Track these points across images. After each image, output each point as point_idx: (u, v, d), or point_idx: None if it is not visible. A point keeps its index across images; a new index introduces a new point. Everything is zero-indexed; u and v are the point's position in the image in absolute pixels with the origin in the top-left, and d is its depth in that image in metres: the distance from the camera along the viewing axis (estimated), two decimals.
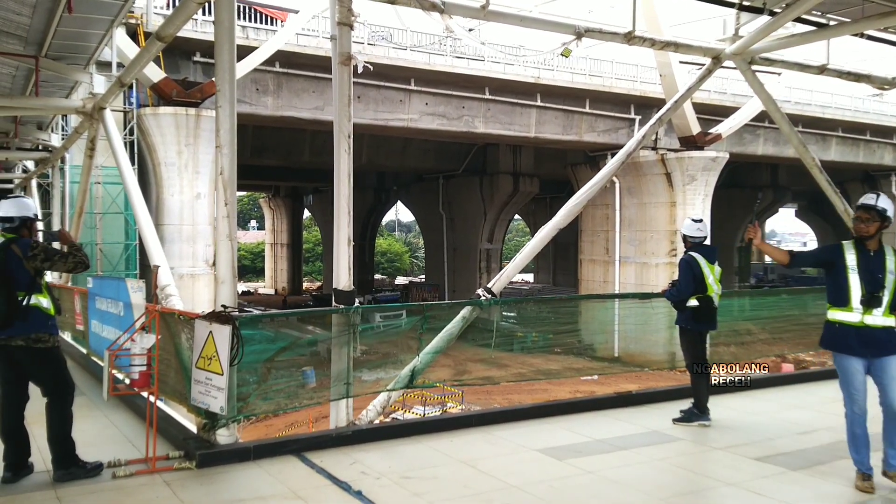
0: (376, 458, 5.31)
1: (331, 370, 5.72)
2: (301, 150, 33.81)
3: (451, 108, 26.80)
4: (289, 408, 6.06)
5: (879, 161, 37.70)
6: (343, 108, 5.76)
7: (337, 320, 5.70)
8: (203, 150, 20.68)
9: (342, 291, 5.72)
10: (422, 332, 6.04)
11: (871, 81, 8.46)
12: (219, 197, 5.20)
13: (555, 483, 4.82)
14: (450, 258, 40.95)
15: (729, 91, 31.52)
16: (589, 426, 6.31)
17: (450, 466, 5.19)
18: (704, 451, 5.66)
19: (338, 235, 5.79)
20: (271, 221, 59.78)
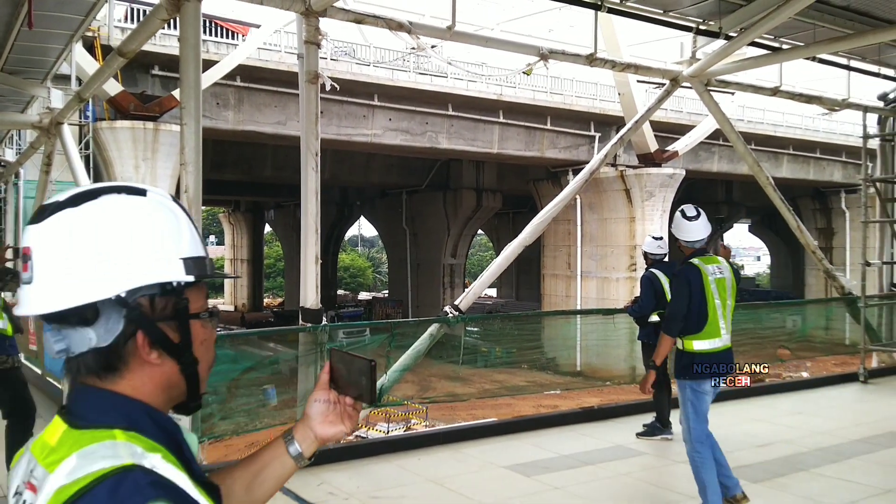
0: (344, 478, 5.28)
1: (297, 389, 5.69)
2: (262, 164, 33.52)
3: (414, 124, 26.87)
4: (256, 428, 5.99)
5: (829, 178, 38.85)
6: (310, 125, 5.77)
7: (304, 339, 5.67)
8: (161, 165, 20.38)
9: (309, 310, 5.71)
10: (390, 350, 6.04)
11: (822, 103, 8.77)
12: None
13: (523, 500, 4.87)
14: (413, 273, 40.92)
15: (685, 110, 32.21)
16: (555, 442, 6.37)
17: (418, 485, 5.20)
18: (667, 465, 5.76)
19: (305, 253, 5.78)
20: (231, 237, 58.97)
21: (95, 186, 1.02)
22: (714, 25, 7.17)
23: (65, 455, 0.91)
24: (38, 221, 0.98)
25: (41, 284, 0.97)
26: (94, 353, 0.98)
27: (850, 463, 5.73)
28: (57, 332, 0.99)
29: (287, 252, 54.62)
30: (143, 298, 0.99)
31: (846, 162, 38.62)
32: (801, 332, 9.94)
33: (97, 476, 0.85)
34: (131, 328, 0.99)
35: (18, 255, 5.37)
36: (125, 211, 1.00)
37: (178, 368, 1.05)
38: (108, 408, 0.97)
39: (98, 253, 0.97)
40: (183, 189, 5.16)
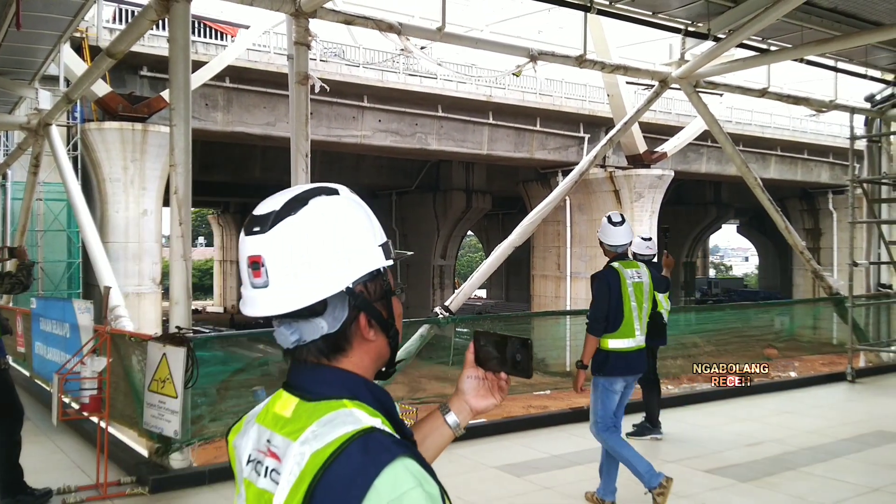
0: None
1: None
2: (251, 165, 33.39)
3: (404, 125, 26.86)
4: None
5: (817, 179, 39.11)
6: (301, 127, 5.76)
7: None
8: (150, 166, 20.27)
9: None
10: None
11: (810, 104, 8.83)
12: (173, 216, 5.14)
13: (514, 500, 4.87)
14: (403, 274, 40.85)
15: (674, 111, 32.33)
16: (545, 442, 6.39)
17: None
18: (657, 465, 5.76)
19: None
20: (220, 238, 58.78)
21: (301, 191, 1.17)
22: (703, 27, 7.21)
23: (305, 424, 1.05)
24: (263, 231, 1.12)
25: (278, 288, 1.10)
26: (324, 339, 1.13)
27: (839, 462, 5.78)
28: (290, 326, 1.13)
29: None
30: (361, 286, 1.14)
31: (833, 163, 38.88)
32: (788, 331, 10.00)
33: (346, 438, 1.00)
34: (355, 313, 1.14)
35: (13, 255, 5.36)
36: (334, 212, 1.14)
37: (387, 341, 1.20)
38: (335, 382, 1.11)
39: (324, 253, 1.11)
40: (172, 190, 5.13)
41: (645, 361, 5.00)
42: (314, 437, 1.02)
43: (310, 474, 0.99)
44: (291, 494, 1.01)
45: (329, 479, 0.97)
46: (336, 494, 0.96)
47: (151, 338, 5.24)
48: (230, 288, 57.48)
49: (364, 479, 0.95)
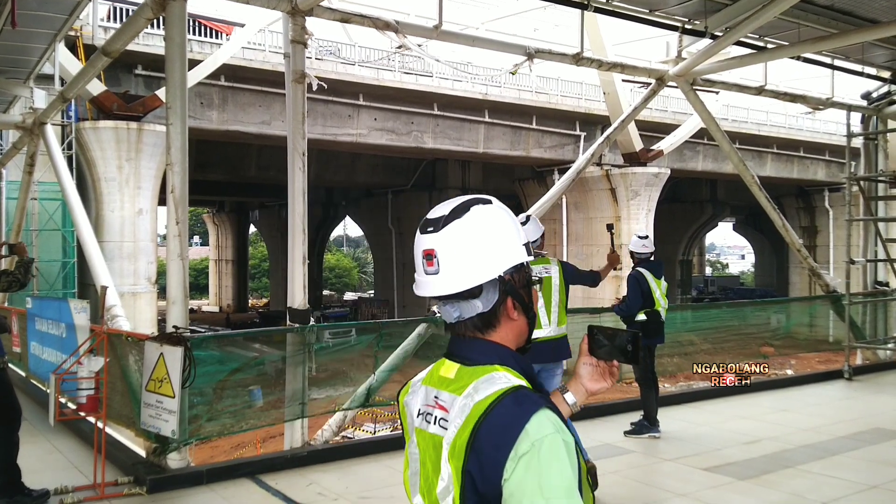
0: (333, 479, 5.26)
1: (285, 390, 5.66)
2: (247, 164, 33.30)
3: (400, 124, 26.79)
4: (242, 429, 5.96)
5: (813, 176, 39.15)
6: (297, 125, 5.74)
7: (292, 339, 5.64)
8: (145, 165, 20.23)
9: (297, 310, 5.67)
10: (377, 350, 6.01)
11: (807, 102, 8.84)
12: (170, 215, 5.12)
13: None
14: (399, 273, 40.83)
15: (670, 109, 32.31)
16: None
17: None
18: (655, 463, 5.78)
19: (292, 254, 5.75)
20: (215, 237, 58.60)
21: (464, 200, 1.50)
22: (700, 25, 7.21)
23: (467, 383, 1.36)
24: (436, 231, 1.45)
25: (447, 275, 1.43)
26: (478, 316, 1.44)
27: (837, 459, 5.78)
28: (453, 305, 1.45)
29: (272, 252, 54.36)
30: (509, 275, 1.44)
31: (829, 161, 38.92)
32: (785, 329, 10.01)
33: (501, 392, 1.30)
34: (504, 296, 1.44)
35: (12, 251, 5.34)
36: (490, 217, 1.46)
37: (527, 321, 1.49)
38: (489, 352, 1.41)
39: (484, 248, 1.42)
40: (169, 189, 5.11)
41: (561, 351, 5.26)
42: (475, 391, 1.33)
43: (473, 419, 1.30)
44: (459, 434, 1.31)
45: (489, 422, 1.27)
46: (496, 433, 1.26)
47: (149, 337, 5.22)
48: (225, 287, 57.31)
49: (518, 422, 1.24)
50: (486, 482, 1.25)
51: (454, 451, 1.31)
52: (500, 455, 1.24)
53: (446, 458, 1.33)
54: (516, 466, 1.22)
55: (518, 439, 1.23)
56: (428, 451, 1.40)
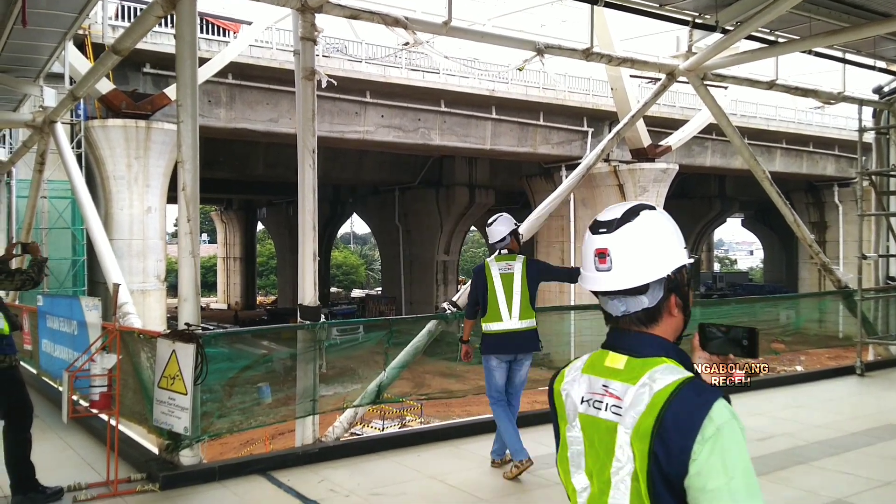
0: (344, 476, 5.26)
1: (296, 387, 5.66)
2: (254, 162, 33.37)
3: (407, 121, 26.78)
4: (252, 426, 5.97)
5: (822, 172, 38.96)
6: (307, 123, 5.73)
7: (303, 336, 5.64)
8: (154, 163, 20.30)
9: (308, 307, 5.67)
10: (388, 347, 6.01)
11: (818, 96, 8.78)
12: (181, 213, 5.12)
13: (524, 496, 4.85)
14: (406, 270, 40.81)
15: (678, 104, 32.20)
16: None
17: (418, 482, 5.18)
18: None
19: (303, 250, 5.75)
20: (223, 235, 58.75)
21: (632, 206, 1.62)
22: (710, 19, 7.17)
23: (640, 373, 1.48)
24: (609, 232, 1.58)
25: (619, 272, 1.55)
26: (644, 311, 1.57)
27: (850, 456, 5.74)
28: (620, 300, 1.58)
29: (279, 250, 54.46)
30: (673, 275, 1.56)
31: (839, 156, 38.73)
32: (795, 325, 9.95)
33: (679, 382, 1.43)
34: (668, 294, 1.57)
35: (26, 250, 5.38)
36: (657, 221, 1.59)
37: (684, 318, 1.62)
38: (655, 345, 1.54)
39: (655, 249, 1.56)
40: (181, 187, 5.11)
41: (525, 343, 5.49)
42: (652, 381, 1.45)
43: (657, 406, 1.42)
44: (642, 420, 1.43)
45: (674, 408, 1.39)
46: (682, 419, 1.38)
47: (161, 335, 5.22)
48: (234, 285, 57.46)
49: (701, 409, 1.38)
50: (672, 462, 1.39)
51: (638, 435, 1.43)
52: (687, 439, 1.38)
53: (626, 441, 1.46)
54: (703, 449, 1.36)
55: (703, 424, 1.37)
56: (597, 435, 1.52)
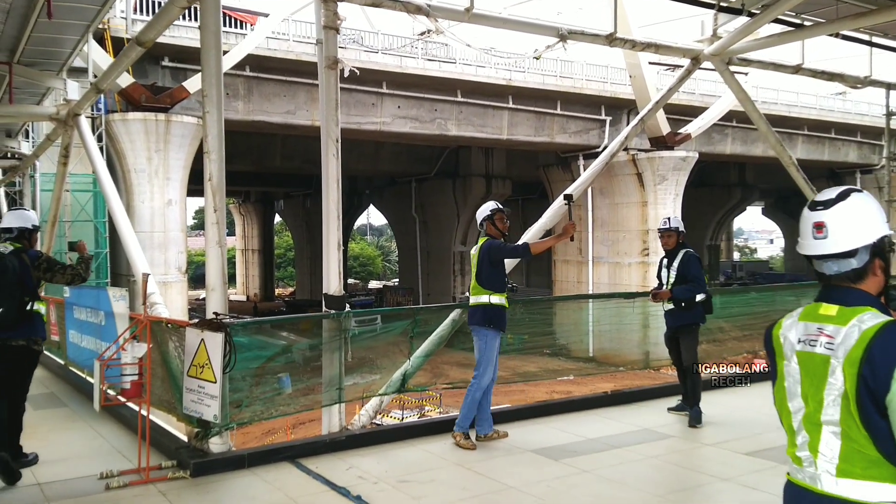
0: (372, 463, 5.29)
1: (322, 376, 5.69)
2: (272, 155, 33.49)
3: (423, 111, 26.73)
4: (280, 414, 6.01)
5: (844, 158, 38.51)
6: (331, 112, 5.74)
7: (329, 325, 5.66)
8: (173, 156, 20.43)
9: (333, 297, 5.69)
10: (412, 336, 6.03)
11: (844, 80, 8.66)
12: (207, 203, 5.15)
13: (552, 483, 4.85)
14: (423, 261, 40.83)
15: (697, 91, 31.89)
16: (580, 426, 6.36)
17: (446, 469, 5.19)
18: (696, 448, 5.74)
19: (327, 240, 5.76)
20: (241, 227, 59.11)
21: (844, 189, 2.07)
22: (736, 2, 7.07)
23: (850, 318, 1.92)
24: (826, 209, 2.04)
25: (833, 239, 2.01)
26: (853, 271, 2.01)
27: None
28: (834, 262, 2.02)
29: (297, 242, 54.70)
30: (877, 241, 2.01)
31: (861, 142, 38.26)
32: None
33: (884, 323, 1.86)
34: (873, 257, 2.01)
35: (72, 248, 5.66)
36: (863, 200, 2.04)
37: (884, 279, 2.03)
38: (862, 298, 1.97)
39: (864, 221, 2.01)
40: (207, 178, 5.14)
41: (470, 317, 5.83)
42: (861, 322, 1.88)
43: (866, 339, 1.85)
44: (853, 351, 1.86)
45: (880, 341, 1.83)
46: (887, 348, 1.81)
47: (189, 324, 5.27)
48: (252, 276, 57.84)
49: None
50: (878, 382, 1.81)
51: (850, 363, 1.86)
52: (890, 362, 1.80)
53: (839, 369, 1.89)
54: None
55: None
56: (812, 367, 1.96)
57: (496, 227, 5.87)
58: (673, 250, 6.69)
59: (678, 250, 6.65)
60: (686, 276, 6.54)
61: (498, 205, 6.00)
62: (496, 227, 5.87)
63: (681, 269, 6.56)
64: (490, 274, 5.76)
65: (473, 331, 5.82)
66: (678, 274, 6.57)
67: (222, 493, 4.79)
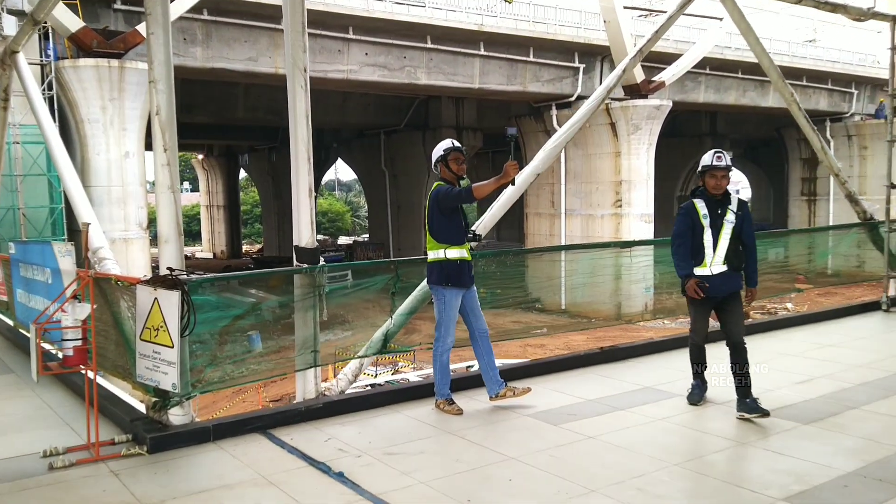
0: (353, 433, 4.74)
1: (295, 337, 5.10)
2: (234, 105, 32.48)
3: (392, 59, 25.82)
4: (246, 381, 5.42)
5: (815, 106, 38.29)
6: (296, 36, 5.04)
7: (301, 281, 5.05)
8: (129, 105, 19.47)
9: (305, 249, 5.06)
10: (394, 292, 5.43)
11: (847, 12, 8.13)
12: (156, 141, 4.47)
13: (556, 452, 4.35)
14: (394, 216, 40.25)
15: (671, 38, 31.30)
16: (576, 386, 5.88)
17: (437, 438, 4.67)
18: (705, 408, 5.28)
19: (297, 186, 5.11)
20: (206, 183, 57.78)
21: None
22: None
23: None
24: None
25: None
26: None
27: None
28: None
29: (263, 197, 53.61)
30: None
31: (832, 90, 38.10)
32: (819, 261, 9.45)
33: None
34: None
35: None
36: None
37: None
38: None
39: None
40: (153, 111, 4.44)
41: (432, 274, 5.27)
42: None
43: None
44: None
45: None
46: None
47: (140, 281, 4.61)
48: (218, 233, 56.73)
49: None
50: None
51: None
52: None
53: None
54: None
55: None
56: None
57: (450, 169, 5.17)
58: (725, 195, 5.18)
59: (728, 195, 5.21)
60: (744, 230, 5.18)
61: (454, 143, 5.28)
62: (450, 171, 5.18)
63: (740, 223, 5.15)
64: (443, 224, 5.12)
65: (431, 289, 5.23)
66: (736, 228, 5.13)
67: (184, 472, 4.21)
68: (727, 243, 5.09)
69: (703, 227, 5.12)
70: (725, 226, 5.10)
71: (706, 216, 5.13)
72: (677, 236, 5.24)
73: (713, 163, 5.14)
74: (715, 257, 5.10)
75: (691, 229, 5.15)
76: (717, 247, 5.10)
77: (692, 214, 5.17)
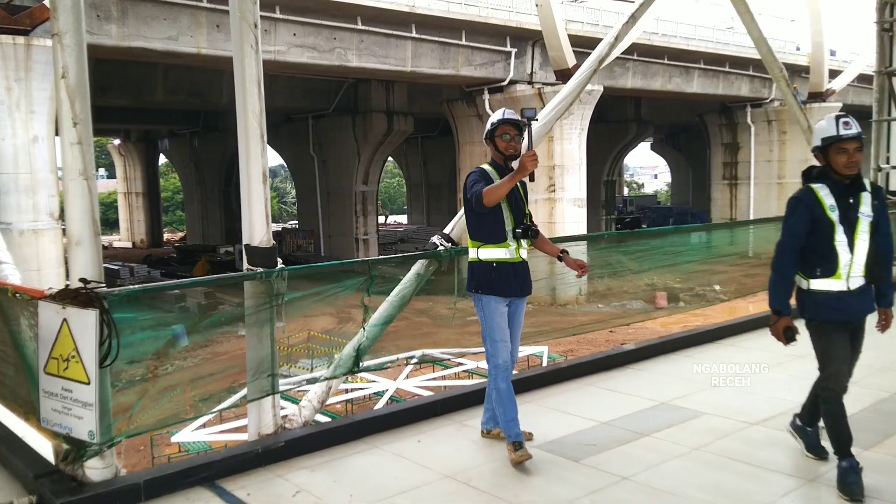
0: (327, 482, 3.78)
1: (247, 359, 4.11)
2: (153, 87, 30.70)
3: (321, 40, 24.74)
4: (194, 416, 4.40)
5: (737, 92, 39.02)
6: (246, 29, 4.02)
7: (254, 289, 4.05)
8: (37, 86, 18.00)
9: (259, 249, 4.06)
10: (367, 297, 4.48)
11: None
12: (63, 113, 3.40)
13: (591, 501, 3.52)
14: (324, 202, 39.09)
15: (601, 23, 31.28)
16: (578, 403, 5.05)
17: (435, 486, 3.73)
18: (743, 429, 4.52)
19: (247, 170, 4.12)
20: (123, 169, 55.15)
21: None
22: None
23: None
24: None
25: None
26: None
27: None
28: None
29: (185, 184, 51.48)
30: None
31: (753, 76, 38.81)
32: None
33: None
34: None
35: None
36: None
37: None
38: None
39: None
40: (60, 74, 3.38)
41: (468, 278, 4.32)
42: None
43: None
44: None
45: None
46: None
47: (44, 295, 3.54)
48: (137, 221, 54.46)
49: None
50: None
51: None
52: None
53: None
54: None
55: None
56: None
57: (497, 148, 4.17)
58: (857, 178, 3.62)
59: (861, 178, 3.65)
60: (881, 226, 3.64)
61: (505, 112, 4.21)
62: (497, 149, 4.17)
63: (877, 217, 3.62)
64: (473, 219, 4.17)
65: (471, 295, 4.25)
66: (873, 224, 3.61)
67: None
68: (866, 245, 3.57)
69: (831, 224, 3.54)
70: (861, 221, 3.57)
71: (833, 208, 3.55)
72: (791, 237, 3.61)
73: (840, 132, 3.51)
74: (853, 266, 3.57)
75: (809, 229, 3.58)
76: (855, 250, 3.56)
77: (813, 207, 3.57)
